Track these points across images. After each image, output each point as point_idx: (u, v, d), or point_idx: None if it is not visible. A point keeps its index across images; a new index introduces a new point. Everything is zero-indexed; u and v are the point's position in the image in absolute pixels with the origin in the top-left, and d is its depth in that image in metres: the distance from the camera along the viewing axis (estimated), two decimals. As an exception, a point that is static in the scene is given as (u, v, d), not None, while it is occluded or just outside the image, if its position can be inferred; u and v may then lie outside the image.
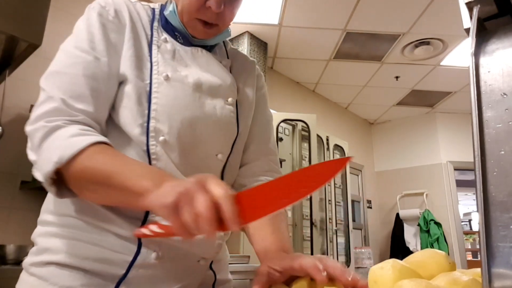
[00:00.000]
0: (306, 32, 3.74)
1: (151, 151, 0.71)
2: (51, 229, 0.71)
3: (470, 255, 7.86)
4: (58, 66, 0.70)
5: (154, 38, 0.79)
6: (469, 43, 0.50)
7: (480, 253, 0.44)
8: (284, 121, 3.81)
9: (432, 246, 4.73)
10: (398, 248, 5.21)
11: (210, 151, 0.79)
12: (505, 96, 0.46)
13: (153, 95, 0.73)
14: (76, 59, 0.70)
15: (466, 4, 0.52)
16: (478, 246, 2.85)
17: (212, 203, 0.49)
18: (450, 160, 5.28)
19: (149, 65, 0.76)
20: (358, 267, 4.39)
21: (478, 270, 0.61)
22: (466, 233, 8.28)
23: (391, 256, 4.25)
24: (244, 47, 3.68)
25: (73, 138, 0.62)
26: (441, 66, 4.34)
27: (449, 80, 4.65)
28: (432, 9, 3.35)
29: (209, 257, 0.79)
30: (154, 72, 0.75)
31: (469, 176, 6.31)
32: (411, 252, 2.22)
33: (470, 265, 5.90)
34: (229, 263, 0.92)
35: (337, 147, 4.50)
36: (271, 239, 0.74)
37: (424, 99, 5.20)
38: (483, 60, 0.50)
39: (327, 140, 4.34)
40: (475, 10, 0.51)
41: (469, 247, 8.78)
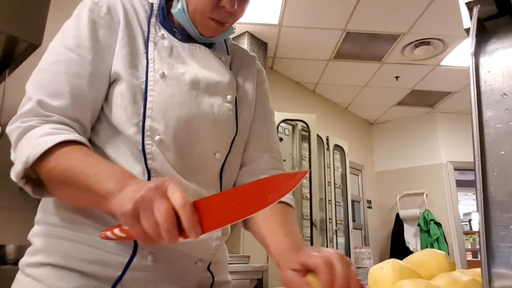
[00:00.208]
0: (306, 32, 3.74)
1: (146, 151, 0.70)
2: (47, 229, 0.70)
3: (470, 255, 7.85)
4: (42, 63, 0.70)
5: (151, 35, 0.78)
6: (469, 43, 0.50)
7: (480, 253, 0.44)
8: (284, 121, 3.81)
9: (432, 246, 4.73)
10: (398, 248, 5.21)
11: (208, 150, 0.77)
12: (505, 96, 0.46)
13: (148, 93, 0.71)
14: (59, 56, 0.70)
15: (466, 4, 0.52)
16: (478, 246, 2.84)
17: (170, 211, 0.48)
18: (450, 160, 5.28)
19: (145, 62, 0.74)
20: (358, 267, 4.38)
21: (478, 270, 0.61)
22: (466, 233, 8.27)
23: (391, 256, 4.24)
24: (244, 47, 3.66)
25: (42, 138, 0.61)
26: (441, 66, 4.33)
27: (449, 80, 4.65)
28: (432, 9, 3.34)
29: (207, 258, 0.77)
30: (150, 70, 0.73)
31: (469, 176, 6.31)
32: (411, 252, 2.22)
33: (470, 265, 5.90)
34: (229, 263, 0.90)
35: (337, 147, 4.51)
36: (285, 242, 0.70)
37: (424, 99, 5.20)
38: (483, 60, 0.50)
39: (327, 140, 4.34)
40: (475, 10, 0.51)
41: (469, 247, 8.77)
